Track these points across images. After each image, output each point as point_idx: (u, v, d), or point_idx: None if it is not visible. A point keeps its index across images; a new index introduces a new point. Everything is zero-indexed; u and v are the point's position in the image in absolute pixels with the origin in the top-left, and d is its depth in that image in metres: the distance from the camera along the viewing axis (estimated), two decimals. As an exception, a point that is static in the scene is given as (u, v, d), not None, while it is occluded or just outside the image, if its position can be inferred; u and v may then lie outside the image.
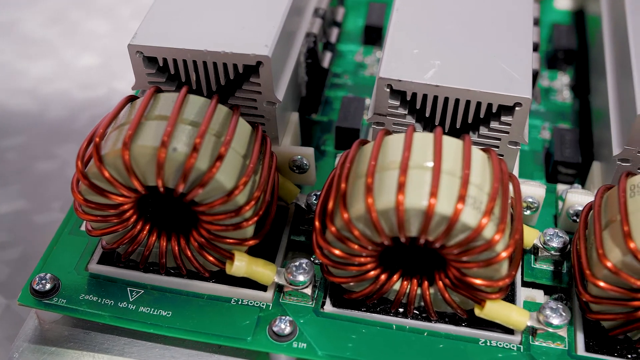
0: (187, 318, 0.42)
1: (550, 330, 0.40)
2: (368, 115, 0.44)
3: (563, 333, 0.40)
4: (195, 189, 0.38)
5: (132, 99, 0.42)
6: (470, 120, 0.42)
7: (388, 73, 0.41)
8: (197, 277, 0.43)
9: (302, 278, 0.41)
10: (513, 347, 0.41)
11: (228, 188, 0.38)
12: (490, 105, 0.41)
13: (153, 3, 0.46)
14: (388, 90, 0.42)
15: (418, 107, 0.42)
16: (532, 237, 0.44)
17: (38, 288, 0.42)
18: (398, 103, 0.42)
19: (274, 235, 0.46)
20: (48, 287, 0.42)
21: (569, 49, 0.59)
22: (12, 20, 0.72)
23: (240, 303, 0.43)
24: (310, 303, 0.43)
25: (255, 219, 0.40)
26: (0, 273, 0.53)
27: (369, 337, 0.41)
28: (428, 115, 0.43)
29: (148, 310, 0.42)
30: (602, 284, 0.37)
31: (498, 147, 0.43)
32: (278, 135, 0.47)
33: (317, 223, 0.39)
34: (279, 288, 0.43)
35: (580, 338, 0.41)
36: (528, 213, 0.46)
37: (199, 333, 0.41)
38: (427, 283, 0.40)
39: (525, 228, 0.44)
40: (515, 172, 0.47)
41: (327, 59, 0.55)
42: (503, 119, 0.42)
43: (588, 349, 0.40)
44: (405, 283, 0.41)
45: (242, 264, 0.41)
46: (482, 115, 0.42)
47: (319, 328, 0.42)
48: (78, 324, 0.43)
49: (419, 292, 0.41)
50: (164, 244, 0.42)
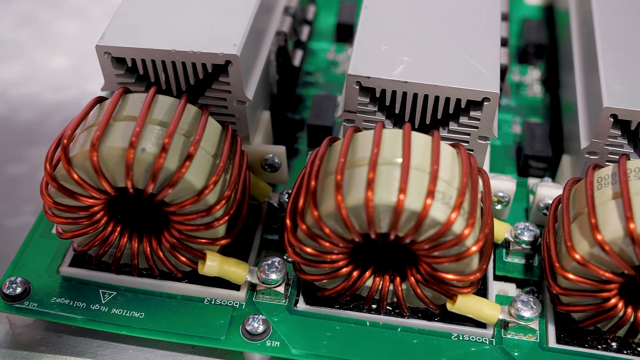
0: (160, 319, 0.42)
1: (522, 323, 0.40)
2: (338, 113, 0.44)
3: (534, 325, 0.41)
4: (165, 190, 0.38)
5: (100, 100, 0.41)
6: (440, 116, 0.43)
7: (357, 70, 0.41)
8: (170, 277, 0.43)
9: (274, 276, 0.41)
10: (485, 340, 0.41)
11: (198, 188, 0.38)
12: (459, 101, 0.41)
13: (121, 3, 0.46)
14: (357, 87, 0.42)
15: (387, 103, 0.42)
16: (503, 231, 0.44)
17: (8, 292, 0.42)
18: (367, 100, 0.42)
19: (247, 234, 0.46)
20: (19, 291, 0.42)
21: (539, 44, 0.60)
22: (-20, 23, 0.71)
23: (214, 303, 0.43)
24: (284, 301, 0.43)
25: (227, 218, 0.40)
26: (-28, 278, 0.52)
27: (343, 334, 0.41)
28: (398, 112, 0.43)
29: (121, 312, 0.42)
30: (571, 276, 0.38)
31: (468, 142, 0.43)
32: (249, 134, 0.47)
33: (288, 221, 0.39)
34: (252, 287, 0.43)
35: (552, 330, 0.41)
36: (499, 207, 0.46)
37: (172, 334, 0.41)
38: (399, 279, 0.41)
39: (497, 222, 0.45)
40: (486, 166, 0.47)
41: (298, 57, 0.55)
42: (472, 114, 0.42)
43: (559, 341, 0.41)
44: (378, 279, 0.41)
45: (214, 264, 0.41)
46: (451, 111, 0.42)
47: (293, 326, 0.42)
48: (50, 328, 0.43)
49: (392, 288, 0.41)
50: (136, 245, 0.42)
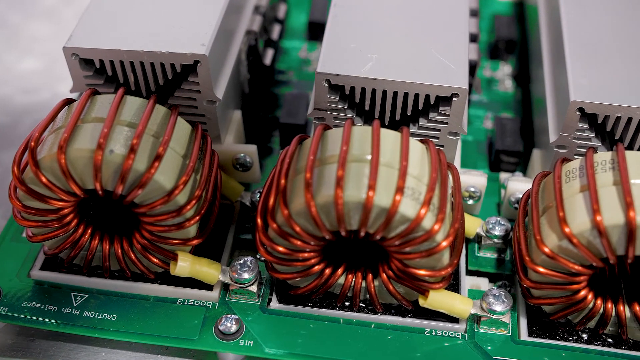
0: (132, 321, 0.41)
1: (494, 317, 0.41)
2: (309, 111, 0.44)
3: (506, 319, 0.41)
4: (134, 191, 0.37)
5: (69, 102, 0.41)
6: (410, 113, 0.43)
7: (325, 68, 0.41)
8: (142, 279, 0.43)
9: (247, 276, 0.41)
10: (458, 335, 0.41)
11: (168, 188, 0.38)
12: (428, 97, 0.42)
13: (89, 4, 0.45)
14: (326, 85, 0.42)
15: (357, 100, 0.42)
16: (474, 226, 0.45)
17: (-21, 297, 0.42)
18: (337, 98, 0.43)
19: (220, 234, 0.45)
20: (-11, 295, 0.42)
21: (510, 39, 0.60)
22: (-50, 26, 0.71)
23: (187, 303, 0.43)
24: (257, 300, 0.43)
25: (197, 219, 0.40)
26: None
27: (317, 332, 0.41)
28: (368, 109, 0.43)
29: (93, 315, 0.42)
30: (541, 270, 0.38)
31: (438, 138, 0.44)
32: (220, 134, 0.46)
33: (259, 220, 0.39)
34: (225, 287, 0.43)
35: (523, 323, 0.41)
36: (471, 202, 0.46)
37: (145, 335, 0.41)
38: (371, 276, 0.41)
39: (468, 217, 0.45)
40: (458, 162, 0.47)
41: (269, 56, 0.55)
42: (441, 110, 0.42)
43: (531, 334, 0.41)
44: (350, 276, 0.41)
45: (186, 264, 0.41)
46: (420, 107, 0.42)
47: (266, 325, 0.42)
48: (22, 332, 0.43)
49: (364, 285, 0.41)
50: (107, 247, 0.42)
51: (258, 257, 0.44)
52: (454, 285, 0.43)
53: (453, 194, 0.40)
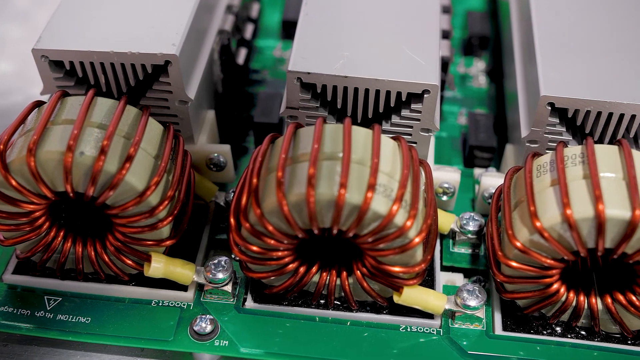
0: (107, 323, 0.41)
1: (468, 312, 0.41)
2: (281, 110, 0.44)
3: (480, 314, 0.41)
4: (106, 192, 0.37)
5: (39, 105, 0.41)
6: (382, 110, 0.43)
7: (297, 66, 0.41)
8: (116, 281, 0.43)
9: (221, 275, 0.41)
10: (433, 331, 0.41)
11: (139, 189, 0.38)
12: (400, 94, 0.42)
13: (58, 5, 0.45)
14: (298, 84, 0.42)
15: (329, 99, 0.42)
16: (449, 222, 0.45)
17: (-50, 302, 0.41)
18: (309, 96, 0.43)
19: (195, 235, 0.45)
20: (-39, 300, 0.42)
21: (483, 36, 0.60)
22: None
23: (161, 305, 0.42)
24: (232, 300, 0.43)
25: (170, 219, 0.40)
26: None
27: (293, 330, 0.41)
28: (340, 107, 0.43)
29: (66, 318, 0.41)
30: (513, 264, 0.38)
31: (411, 134, 0.44)
32: (193, 134, 0.46)
33: (232, 220, 0.39)
34: (200, 287, 0.43)
35: (498, 318, 0.42)
36: (445, 198, 0.46)
37: (120, 337, 0.41)
38: (345, 273, 0.41)
39: (442, 213, 0.45)
40: (431, 158, 0.47)
41: (242, 56, 0.55)
42: (413, 107, 0.42)
43: (505, 328, 0.41)
44: (324, 274, 0.41)
45: (159, 265, 0.41)
46: (392, 104, 0.42)
47: (242, 324, 0.42)
48: (-5, 337, 0.43)
49: (339, 282, 0.41)
50: (80, 250, 0.41)
51: (233, 256, 0.44)
52: (429, 281, 0.43)
53: (426, 191, 0.40)
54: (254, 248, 0.38)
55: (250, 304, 0.42)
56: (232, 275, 0.42)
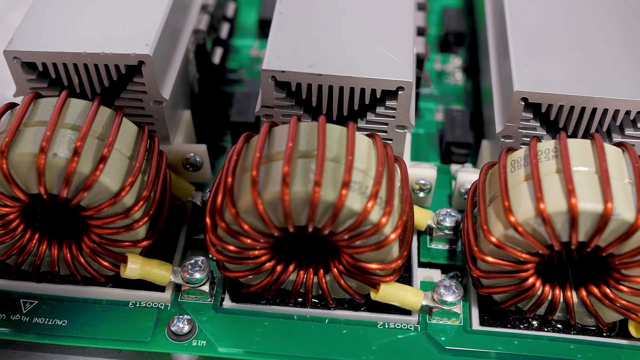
0: (83, 325, 0.41)
1: (445, 308, 0.41)
2: (256, 109, 0.44)
3: (457, 309, 0.41)
4: (80, 194, 0.37)
5: (11, 107, 0.41)
6: (357, 107, 0.43)
7: (271, 65, 0.41)
8: (93, 282, 0.43)
9: (198, 275, 0.41)
10: (411, 327, 0.42)
11: (114, 190, 0.38)
12: (374, 91, 0.42)
13: (30, 6, 0.45)
14: (273, 82, 0.42)
15: (304, 97, 0.43)
16: (425, 218, 0.45)
17: None
18: (284, 95, 0.43)
19: (172, 235, 0.45)
20: None
21: (459, 32, 0.60)
22: None
23: (139, 306, 0.42)
24: (210, 300, 0.42)
25: (146, 220, 0.40)
26: None
27: (272, 329, 0.41)
28: (315, 105, 0.43)
29: (43, 321, 0.41)
30: (489, 259, 0.38)
31: (386, 132, 0.44)
32: (169, 134, 0.46)
33: (207, 220, 0.39)
34: (177, 287, 0.43)
35: (475, 313, 0.42)
36: (422, 195, 0.47)
37: (97, 339, 0.41)
38: (322, 271, 0.41)
39: (419, 209, 0.45)
40: (407, 155, 0.47)
41: (218, 55, 0.55)
42: (388, 104, 0.42)
43: (482, 323, 0.41)
44: (302, 273, 0.41)
45: (136, 266, 0.40)
46: (367, 102, 0.42)
47: (220, 324, 0.42)
48: (-31, 342, 0.42)
49: (316, 280, 0.41)
50: (56, 252, 0.41)
51: (210, 256, 0.44)
52: (406, 278, 0.43)
53: (402, 187, 0.40)
54: (231, 247, 0.38)
55: (228, 304, 0.42)
56: (209, 275, 0.42)
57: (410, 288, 0.41)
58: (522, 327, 0.41)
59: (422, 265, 0.45)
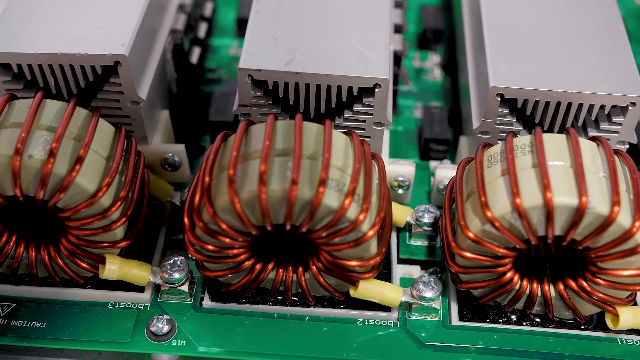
0: (62, 327, 0.41)
1: (425, 304, 0.41)
2: (234, 108, 0.44)
3: (437, 305, 0.41)
4: (56, 195, 0.37)
5: (-14, 109, 0.40)
6: (334, 105, 0.43)
7: (247, 64, 0.41)
8: (72, 284, 0.42)
9: (177, 275, 0.41)
10: (390, 323, 0.42)
11: (90, 191, 0.38)
12: (351, 89, 0.42)
13: (4, 7, 0.44)
14: (249, 81, 0.42)
15: (281, 95, 0.43)
16: (404, 214, 0.45)
17: None
18: (261, 93, 0.43)
19: (151, 235, 0.45)
20: None
21: (437, 29, 0.61)
22: None
23: (118, 307, 0.42)
24: (189, 300, 0.42)
25: (124, 220, 0.39)
26: None
27: (253, 328, 0.41)
28: (292, 103, 0.43)
29: (21, 324, 0.41)
30: (467, 254, 0.38)
31: (364, 129, 0.44)
32: (147, 134, 0.46)
33: (185, 220, 0.39)
34: (157, 288, 0.43)
35: (454, 308, 0.42)
36: (401, 191, 0.47)
37: (76, 341, 0.40)
38: (301, 269, 0.41)
39: (398, 206, 0.45)
40: (386, 152, 0.48)
41: (195, 55, 0.55)
42: (365, 101, 0.42)
43: (462, 318, 0.42)
44: (281, 271, 0.41)
45: (114, 267, 0.40)
46: (344, 99, 0.43)
47: (200, 324, 0.41)
48: (-53, 346, 0.42)
49: (295, 278, 0.41)
50: (33, 254, 0.41)
51: (189, 256, 0.44)
52: (386, 275, 0.43)
53: (379, 184, 0.40)
54: (209, 247, 0.38)
55: (208, 303, 0.42)
56: (188, 275, 0.42)
57: (389, 284, 0.41)
58: (501, 321, 0.42)
59: (401, 262, 0.45)
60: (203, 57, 0.58)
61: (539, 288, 0.40)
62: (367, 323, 0.42)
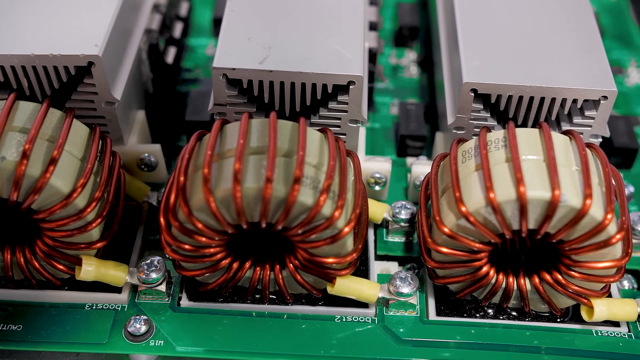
0: (39, 330, 0.41)
1: (402, 300, 0.41)
2: (209, 107, 0.44)
3: (414, 301, 0.42)
4: (30, 197, 0.37)
5: (-40, 112, 0.40)
6: (309, 103, 0.43)
7: (221, 62, 0.41)
8: (48, 286, 0.42)
9: (154, 275, 0.41)
10: (368, 320, 0.42)
11: (65, 192, 0.37)
12: (325, 86, 0.42)
13: (-24, 10, 0.44)
14: (224, 80, 0.42)
15: (256, 94, 0.43)
16: (381, 211, 0.45)
17: None
18: (236, 92, 0.43)
19: (128, 236, 0.45)
20: None
21: (413, 26, 0.61)
22: None
23: (95, 308, 0.42)
24: (167, 300, 0.42)
25: (100, 221, 0.39)
26: None
27: (231, 327, 0.41)
28: (267, 102, 0.43)
29: (-2, 327, 0.41)
30: (443, 249, 0.38)
31: (339, 126, 0.44)
32: (122, 135, 0.46)
33: (161, 219, 0.39)
34: (135, 288, 0.43)
35: (432, 303, 0.42)
36: (377, 188, 0.47)
37: (53, 343, 0.40)
38: (278, 267, 0.41)
39: (375, 203, 0.45)
40: (362, 149, 0.48)
41: (171, 55, 0.54)
42: (340, 99, 0.43)
43: (439, 313, 0.42)
44: (258, 269, 0.41)
45: (90, 268, 0.40)
46: (319, 97, 0.43)
47: (178, 323, 0.41)
48: None
49: (272, 276, 0.41)
50: (9, 257, 0.41)
51: (167, 256, 0.43)
52: (363, 271, 0.43)
53: (355, 181, 0.41)
54: (186, 246, 0.38)
55: (186, 303, 0.42)
56: (165, 275, 0.42)
57: (366, 281, 0.41)
58: (478, 315, 0.42)
59: (379, 258, 0.45)
60: (179, 57, 0.58)
61: (515, 282, 0.40)
62: (345, 320, 0.42)
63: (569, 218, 0.36)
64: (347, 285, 0.40)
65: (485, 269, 0.39)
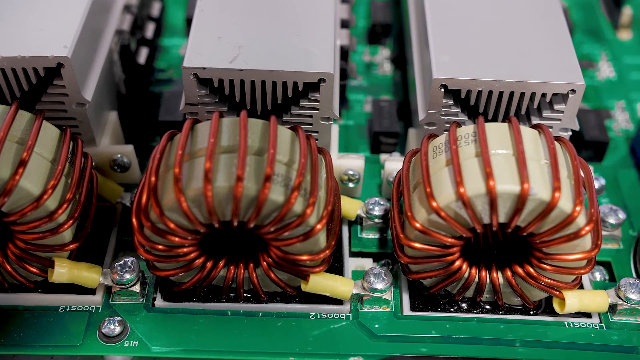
0: (12, 333, 0.41)
1: (376, 295, 0.41)
2: (180, 107, 0.44)
3: (388, 296, 0.42)
4: (0, 199, 0.37)
5: None
6: (280, 101, 0.43)
7: (191, 62, 0.41)
8: (22, 289, 0.42)
9: (128, 276, 0.41)
10: (343, 316, 0.42)
11: (35, 194, 0.37)
12: (296, 84, 0.42)
13: (-56, 12, 0.44)
14: (195, 80, 0.42)
15: (227, 93, 0.43)
16: (355, 208, 0.45)
17: None
18: (207, 91, 0.43)
19: (102, 237, 0.45)
20: None
21: (386, 24, 0.61)
22: None
23: (69, 310, 0.42)
24: (141, 300, 0.42)
25: (71, 222, 0.39)
26: None
27: (206, 326, 0.41)
28: (238, 100, 0.43)
29: (-32, 331, 0.41)
30: (415, 245, 0.39)
31: (311, 124, 0.44)
32: (95, 136, 0.46)
33: (134, 220, 0.39)
34: (109, 290, 0.42)
35: (406, 299, 0.42)
36: (351, 185, 0.47)
37: (26, 346, 0.40)
38: (252, 265, 0.41)
39: (348, 200, 0.46)
40: (335, 146, 0.48)
41: (143, 55, 0.54)
42: (311, 97, 0.43)
43: (413, 308, 0.42)
44: (232, 268, 0.41)
45: (63, 270, 0.40)
46: (290, 95, 0.43)
47: (153, 324, 0.41)
48: None
49: (247, 275, 0.41)
50: (-20, 261, 0.40)
51: (140, 257, 0.43)
52: (338, 268, 0.43)
53: (327, 178, 0.41)
54: (159, 247, 0.38)
55: (160, 303, 0.42)
56: (139, 276, 0.42)
57: (340, 277, 0.41)
58: (452, 310, 0.42)
59: (353, 255, 0.46)
60: (152, 57, 0.58)
61: (488, 275, 0.41)
62: (320, 317, 0.42)
63: (539, 211, 0.36)
64: (321, 282, 0.40)
65: (458, 264, 0.39)
